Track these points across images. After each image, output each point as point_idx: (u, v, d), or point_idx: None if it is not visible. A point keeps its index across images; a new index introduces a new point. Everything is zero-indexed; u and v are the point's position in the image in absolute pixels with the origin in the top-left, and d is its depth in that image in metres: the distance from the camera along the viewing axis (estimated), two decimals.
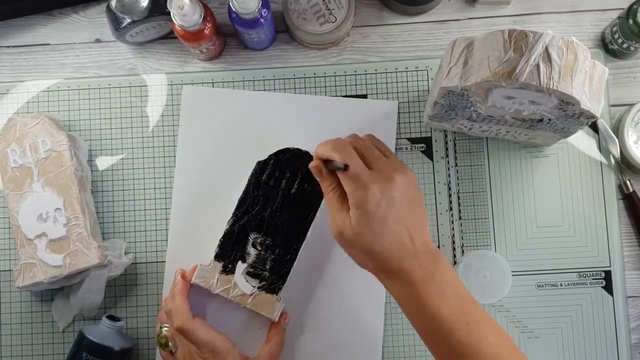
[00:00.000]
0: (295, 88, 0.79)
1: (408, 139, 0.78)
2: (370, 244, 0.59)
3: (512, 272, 0.72)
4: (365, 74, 0.79)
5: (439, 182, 0.77)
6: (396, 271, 0.59)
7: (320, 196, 0.73)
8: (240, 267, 0.73)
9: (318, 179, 0.64)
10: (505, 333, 0.60)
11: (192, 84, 0.79)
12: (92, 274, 0.73)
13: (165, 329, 0.69)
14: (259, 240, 0.73)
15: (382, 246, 0.59)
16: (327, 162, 0.63)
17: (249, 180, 0.74)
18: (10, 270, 0.77)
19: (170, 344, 0.69)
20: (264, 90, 0.79)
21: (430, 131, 0.78)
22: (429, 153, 0.78)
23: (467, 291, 0.61)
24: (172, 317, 0.69)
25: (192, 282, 0.72)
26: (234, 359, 0.69)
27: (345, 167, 0.60)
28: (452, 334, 0.57)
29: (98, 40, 0.81)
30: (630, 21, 0.71)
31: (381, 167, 0.61)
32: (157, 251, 0.77)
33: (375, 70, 0.79)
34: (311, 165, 0.64)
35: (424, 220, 0.63)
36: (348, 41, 0.80)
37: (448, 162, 0.78)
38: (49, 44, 0.81)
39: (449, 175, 0.77)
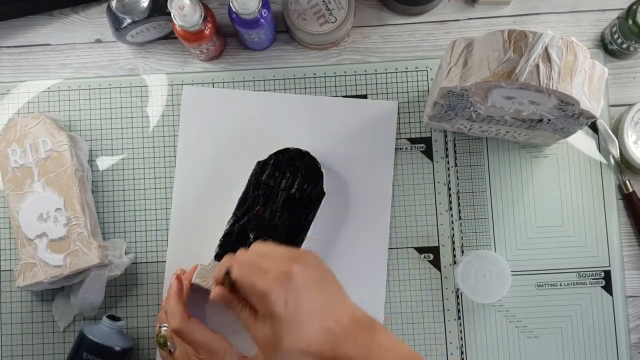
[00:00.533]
0: (295, 88, 0.79)
1: (408, 139, 0.78)
2: (296, 344, 0.57)
3: (511, 272, 0.72)
4: (365, 74, 0.79)
5: (439, 182, 0.77)
6: (334, 358, 0.57)
7: (320, 196, 0.73)
8: None
9: (227, 307, 0.63)
10: None
11: (192, 84, 0.79)
12: (92, 273, 0.73)
13: (164, 328, 0.69)
14: (259, 240, 0.73)
15: (308, 341, 0.57)
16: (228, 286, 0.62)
17: (249, 180, 0.74)
18: (10, 270, 0.77)
19: (169, 343, 0.69)
20: (264, 90, 0.79)
21: (430, 131, 0.78)
22: (429, 153, 0.78)
23: (408, 348, 0.60)
24: (168, 317, 0.69)
25: (192, 282, 0.72)
26: (231, 358, 0.69)
27: (227, 272, 0.61)
28: None
29: (98, 41, 0.81)
30: (630, 21, 0.71)
31: (275, 266, 0.59)
32: (157, 251, 0.77)
33: (375, 70, 0.79)
34: (213, 295, 0.64)
35: (341, 295, 0.61)
36: (348, 41, 0.80)
37: (448, 162, 0.78)
38: (49, 44, 0.81)
39: (449, 175, 0.77)
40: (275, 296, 0.57)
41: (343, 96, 0.78)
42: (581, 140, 0.77)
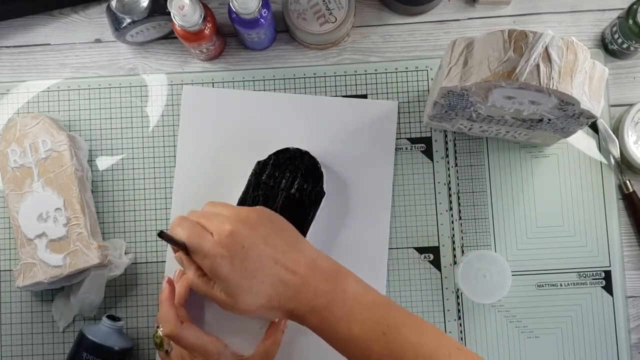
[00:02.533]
0: (295, 88, 0.79)
1: (408, 139, 0.78)
2: (253, 302, 0.56)
3: (512, 272, 0.72)
4: (365, 74, 0.79)
5: (439, 182, 0.77)
6: (295, 308, 0.57)
7: (320, 196, 0.73)
8: None
9: (185, 270, 0.62)
10: (431, 327, 0.57)
11: (192, 84, 0.79)
12: (92, 273, 0.73)
13: (161, 329, 0.69)
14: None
15: (264, 297, 0.56)
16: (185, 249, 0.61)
17: (249, 180, 0.74)
18: (10, 270, 0.77)
19: (165, 344, 0.69)
20: (264, 90, 0.79)
21: (430, 131, 0.78)
22: (429, 153, 0.78)
23: (378, 295, 0.58)
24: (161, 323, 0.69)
25: None
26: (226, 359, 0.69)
27: (182, 245, 0.59)
28: (371, 349, 0.55)
29: (98, 40, 0.81)
30: (630, 21, 0.71)
31: (219, 227, 0.58)
32: (157, 251, 0.77)
33: (375, 70, 0.79)
34: (175, 255, 0.62)
35: (299, 245, 0.60)
36: (348, 41, 0.80)
37: (448, 162, 0.78)
38: (49, 44, 0.81)
39: (449, 175, 0.77)
40: (219, 259, 0.56)
41: (343, 96, 0.78)
42: (581, 140, 0.77)
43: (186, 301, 0.72)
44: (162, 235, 0.59)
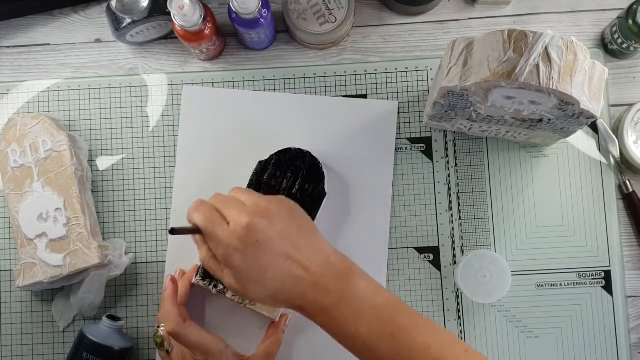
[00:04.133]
0: (295, 88, 0.79)
1: (408, 139, 0.78)
2: (262, 293, 0.56)
3: (512, 272, 0.72)
4: (365, 74, 0.79)
5: (439, 182, 0.77)
6: (305, 305, 0.57)
7: (321, 196, 0.73)
8: None
9: (198, 247, 0.61)
10: (440, 329, 0.57)
11: (192, 84, 0.79)
12: (92, 273, 0.73)
13: (162, 328, 0.70)
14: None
15: (273, 290, 0.56)
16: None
17: (251, 179, 0.74)
18: (10, 270, 0.77)
19: (165, 344, 0.69)
20: (264, 90, 0.79)
21: (430, 131, 0.78)
22: (429, 153, 0.78)
23: (389, 295, 0.58)
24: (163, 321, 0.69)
25: (192, 282, 0.72)
26: (227, 359, 0.69)
27: (197, 230, 0.58)
28: (378, 349, 0.55)
29: (98, 40, 0.81)
30: (630, 21, 0.71)
31: (237, 217, 0.58)
32: (157, 251, 0.77)
33: (375, 70, 0.79)
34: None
35: (315, 240, 0.59)
36: (348, 41, 0.80)
37: (448, 162, 0.78)
38: (49, 44, 0.81)
39: (449, 175, 0.77)
40: (232, 250, 0.56)
41: (343, 96, 0.78)
42: (581, 140, 0.77)
43: (187, 300, 0.72)
44: (174, 231, 0.58)
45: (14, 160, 0.75)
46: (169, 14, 0.69)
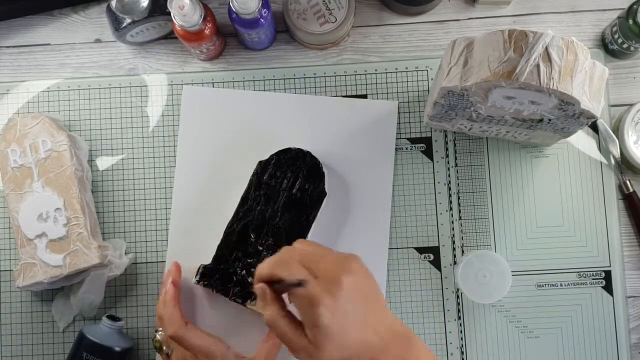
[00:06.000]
0: (295, 88, 0.79)
1: (408, 139, 0.78)
2: (335, 355, 0.55)
3: (512, 272, 0.72)
4: (365, 74, 0.79)
5: (439, 182, 0.77)
6: None
7: (321, 196, 0.73)
8: (241, 267, 0.73)
9: (262, 306, 0.59)
10: None
11: (192, 84, 0.79)
12: (92, 273, 0.73)
13: (160, 332, 0.70)
14: (260, 240, 0.73)
15: (347, 352, 0.55)
16: (271, 283, 0.58)
17: (251, 179, 0.74)
18: (10, 270, 0.77)
19: (164, 347, 0.69)
20: (264, 90, 0.79)
21: (430, 131, 0.78)
22: (429, 153, 0.78)
23: None
24: (164, 324, 0.69)
25: (193, 282, 0.72)
26: None
27: (300, 283, 0.55)
28: None
29: (98, 40, 0.81)
30: (630, 21, 0.71)
31: (326, 271, 0.57)
32: (157, 251, 0.77)
33: (375, 70, 0.79)
34: (257, 288, 0.59)
35: (381, 304, 0.59)
36: (348, 41, 0.80)
37: (448, 162, 0.78)
38: (49, 44, 0.81)
39: (449, 175, 0.77)
40: (324, 307, 0.54)
41: (343, 96, 0.78)
42: (581, 140, 0.77)
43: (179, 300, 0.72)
44: (278, 283, 0.56)
45: (13, 160, 0.75)
46: (169, 14, 0.69)
